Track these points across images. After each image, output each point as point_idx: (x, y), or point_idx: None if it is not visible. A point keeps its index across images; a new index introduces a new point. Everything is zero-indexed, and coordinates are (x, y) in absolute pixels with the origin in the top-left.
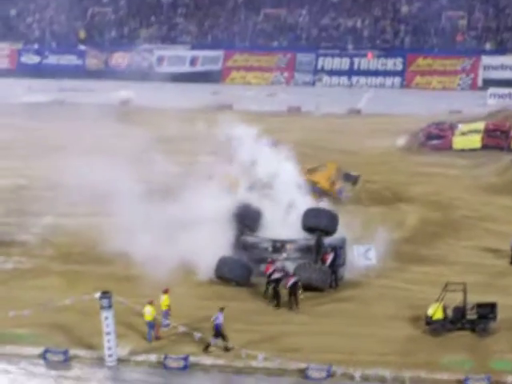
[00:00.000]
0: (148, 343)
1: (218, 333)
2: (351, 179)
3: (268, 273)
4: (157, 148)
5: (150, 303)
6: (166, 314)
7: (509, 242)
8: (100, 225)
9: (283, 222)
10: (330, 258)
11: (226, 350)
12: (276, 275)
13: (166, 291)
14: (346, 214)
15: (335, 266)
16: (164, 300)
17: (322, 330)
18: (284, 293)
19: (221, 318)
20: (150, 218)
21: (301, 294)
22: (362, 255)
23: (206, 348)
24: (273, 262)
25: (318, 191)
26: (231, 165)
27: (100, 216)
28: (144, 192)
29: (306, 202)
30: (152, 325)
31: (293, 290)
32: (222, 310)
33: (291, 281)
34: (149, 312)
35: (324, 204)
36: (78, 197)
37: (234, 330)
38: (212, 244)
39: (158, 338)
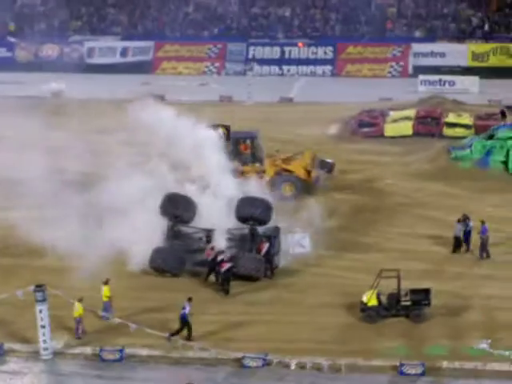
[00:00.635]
0: (77, 340)
1: (184, 323)
2: (327, 166)
3: (210, 258)
4: (88, 139)
5: (80, 300)
6: (108, 305)
7: (441, 228)
8: (31, 217)
9: (215, 211)
10: (265, 247)
11: (188, 339)
12: (220, 258)
13: (106, 282)
14: (280, 203)
15: (270, 256)
16: (104, 291)
17: (258, 319)
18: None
19: (188, 309)
20: (82, 209)
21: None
22: (297, 243)
23: (170, 337)
24: (213, 248)
25: (293, 181)
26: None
27: (31, 209)
28: (74, 183)
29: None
30: (79, 321)
31: (226, 275)
32: (189, 300)
33: (225, 267)
34: (77, 309)
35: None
36: (7, 190)
37: (169, 320)
38: (145, 234)
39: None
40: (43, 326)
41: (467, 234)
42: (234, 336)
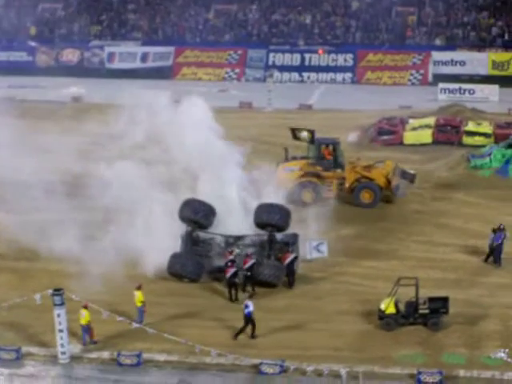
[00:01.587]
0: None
1: (248, 321)
2: (408, 177)
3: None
4: (106, 143)
5: (85, 307)
6: (141, 310)
7: (459, 236)
8: (49, 221)
9: (234, 217)
10: (289, 258)
11: (253, 337)
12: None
13: (138, 287)
14: (299, 209)
15: (293, 267)
16: (138, 296)
17: (275, 326)
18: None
19: (251, 306)
20: (96, 214)
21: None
22: (315, 249)
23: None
24: (232, 252)
25: (373, 188)
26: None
27: (48, 212)
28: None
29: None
30: (86, 329)
31: (232, 280)
32: (250, 297)
33: (230, 271)
34: (83, 316)
35: None
36: (25, 194)
37: (187, 326)
38: (163, 240)
39: (94, 343)
40: (61, 330)
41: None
42: (251, 342)
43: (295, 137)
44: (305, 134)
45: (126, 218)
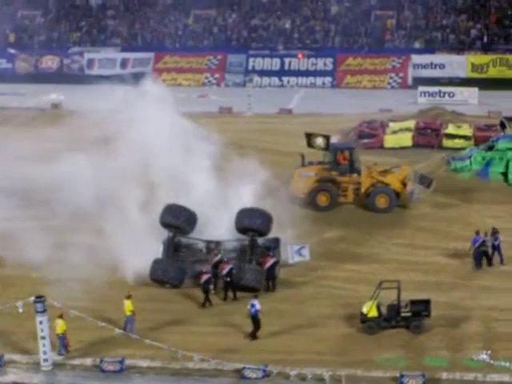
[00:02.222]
0: (65, 353)
1: (256, 320)
2: (425, 182)
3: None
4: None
5: (60, 316)
6: (131, 319)
7: (440, 239)
8: (30, 228)
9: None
10: (269, 262)
11: (254, 337)
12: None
13: (128, 297)
14: (281, 213)
15: (274, 271)
16: (127, 305)
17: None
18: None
19: (257, 305)
20: (81, 221)
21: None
22: (296, 252)
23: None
24: (217, 254)
25: (388, 193)
26: None
27: (29, 220)
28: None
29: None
30: (61, 337)
31: (206, 286)
32: (256, 297)
33: (205, 277)
34: (59, 325)
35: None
36: (6, 201)
37: (169, 332)
38: (144, 246)
39: (67, 352)
40: (43, 337)
41: (496, 247)
42: (234, 347)
43: (309, 144)
44: (320, 141)
45: (114, 225)
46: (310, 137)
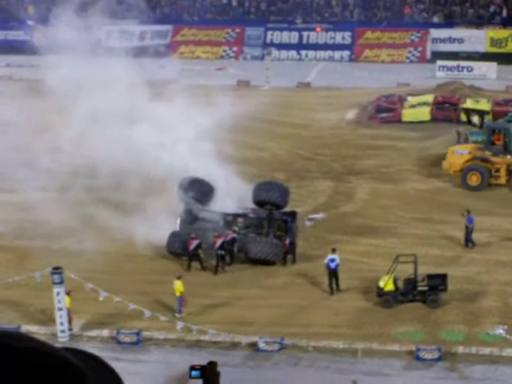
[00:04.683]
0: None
1: (334, 274)
2: None
3: (216, 246)
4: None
5: (68, 293)
6: (181, 300)
7: (457, 214)
8: (48, 200)
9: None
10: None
11: (338, 289)
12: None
13: (179, 277)
14: (297, 187)
15: (293, 245)
16: (178, 286)
17: (274, 304)
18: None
19: (337, 260)
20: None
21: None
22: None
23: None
24: (219, 236)
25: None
26: None
27: (48, 192)
28: (95, 167)
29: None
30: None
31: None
32: (334, 250)
33: (194, 243)
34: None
35: None
36: (24, 173)
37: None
38: (162, 218)
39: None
40: (60, 309)
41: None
42: (250, 320)
43: (469, 121)
44: (475, 118)
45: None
46: (468, 113)
